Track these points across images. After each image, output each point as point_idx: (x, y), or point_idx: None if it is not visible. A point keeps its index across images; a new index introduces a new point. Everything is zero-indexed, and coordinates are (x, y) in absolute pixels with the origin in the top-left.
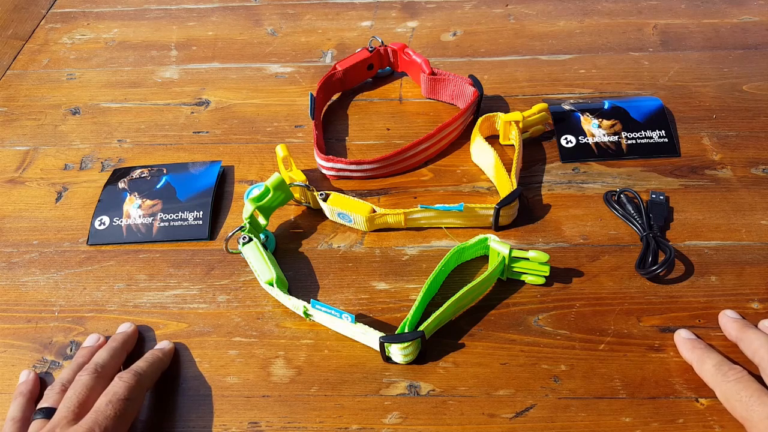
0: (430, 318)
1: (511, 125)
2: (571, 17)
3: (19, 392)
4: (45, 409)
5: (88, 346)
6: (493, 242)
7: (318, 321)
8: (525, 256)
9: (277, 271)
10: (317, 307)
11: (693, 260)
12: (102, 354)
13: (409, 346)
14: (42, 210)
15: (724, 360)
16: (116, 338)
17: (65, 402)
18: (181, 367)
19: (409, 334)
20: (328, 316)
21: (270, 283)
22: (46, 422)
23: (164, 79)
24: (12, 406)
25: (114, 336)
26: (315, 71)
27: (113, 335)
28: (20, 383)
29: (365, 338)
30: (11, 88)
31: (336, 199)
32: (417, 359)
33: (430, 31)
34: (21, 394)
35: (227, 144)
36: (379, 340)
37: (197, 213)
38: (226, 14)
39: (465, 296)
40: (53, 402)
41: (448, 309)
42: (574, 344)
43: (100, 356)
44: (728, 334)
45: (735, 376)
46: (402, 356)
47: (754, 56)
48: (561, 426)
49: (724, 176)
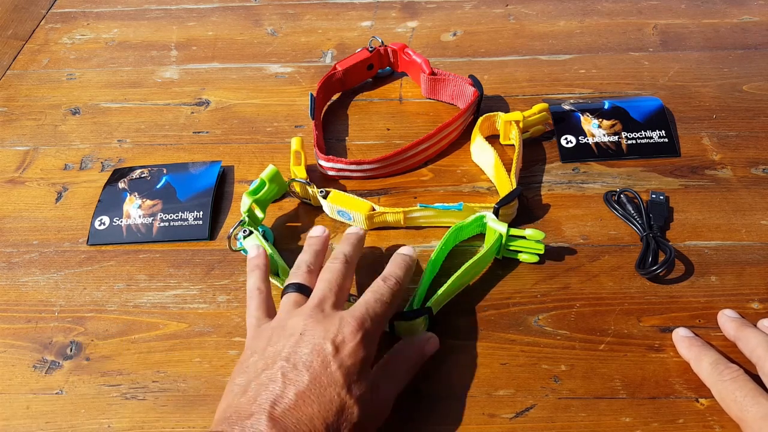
0: (436, 294)
1: (511, 125)
2: (571, 17)
3: (255, 265)
4: (296, 284)
5: (316, 235)
6: (491, 221)
7: None
8: (522, 234)
9: (280, 262)
10: None
11: (693, 260)
12: (345, 246)
13: (419, 324)
14: (42, 210)
15: (721, 358)
16: (351, 232)
17: (325, 283)
18: (181, 367)
19: (417, 311)
20: None
21: (275, 272)
22: (302, 297)
23: (164, 79)
24: (252, 277)
25: (348, 233)
26: (315, 71)
27: (345, 234)
28: (252, 257)
29: None
30: (11, 88)
31: (336, 196)
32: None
33: (430, 31)
34: (257, 267)
35: (227, 144)
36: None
37: (197, 213)
38: (226, 14)
39: (466, 272)
40: (303, 279)
41: (452, 285)
42: (574, 344)
43: (344, 248)
44: (727, 334)
45: (731, 375)
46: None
47: (754, 56)
48: (561, 426)
49: (724, 176)
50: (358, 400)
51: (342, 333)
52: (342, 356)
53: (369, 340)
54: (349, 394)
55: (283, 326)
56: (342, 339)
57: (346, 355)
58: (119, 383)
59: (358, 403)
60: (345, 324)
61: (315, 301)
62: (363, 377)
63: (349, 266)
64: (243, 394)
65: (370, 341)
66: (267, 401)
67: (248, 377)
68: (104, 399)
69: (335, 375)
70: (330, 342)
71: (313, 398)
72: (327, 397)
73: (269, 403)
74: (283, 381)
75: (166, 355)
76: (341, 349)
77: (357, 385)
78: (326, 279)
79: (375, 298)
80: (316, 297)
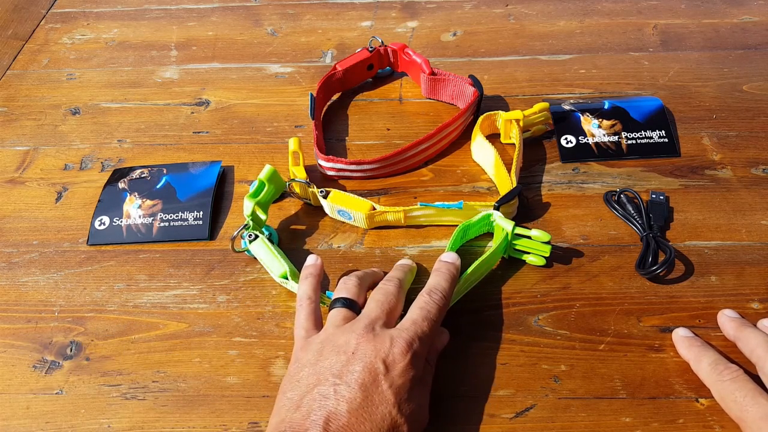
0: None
1: (511, 124)
2: (571, 17)
3: (309, 273)
4: (345, 299)
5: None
6: (498, 218)
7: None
8: (527, 234)
9: (289, 264)
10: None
11: (693, 260)
12: (399, 273)
13: None
14: (42, 210)
15: (721, 358)
16: (404, 263)
17: (377, 303)
18: (181, 367)
19: None
20: None
21: (284, 276)
22: (351, 313)
23: (164, 79)
24: (304, 285)
25: (401, 263)
26: (315, 71)
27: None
28: (308, 265)
29: None
30: (11, 88)
31: (336, 196)
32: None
33: (430, 31)
34: (312, 276)
35: (227, 144)
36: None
37: (197, 213)
38: (226, 14)
39: (476, 271)
40: (352, 294)
41: (462, 284)
42: (574, 344)
43: (398, 274)
44: (727, 334)
45: (730, 376)
46: None
47: (754, 56)
48: (561, 426)
49: (724, 176)
50: (408, 419)
51: (393, 353)
52: (393, 375)
53: (417, 359)
54: (400, 413)
55: (333, 342)
56: (393, 359)
57: (396, 374)
58: (119, 383)
59: (408, 421)
60: (395, 344)
61: (367, 320)
62: (412, 396)
63: (401, 291)
64: (296, 410)
65: (419, 360)
66: (321, 418)
67: (300, 392)
68: (104, 399)
69: (386, 394)
70: (381, 361)
71: (366, 416)
72: (379, 416)
73: (323, 419)
74: (336, 398)
75: (166, 355)
76: (391, 368)
77: (407, 403)
78: (379, 300)
79: (423, 316)
80: (368, 316)
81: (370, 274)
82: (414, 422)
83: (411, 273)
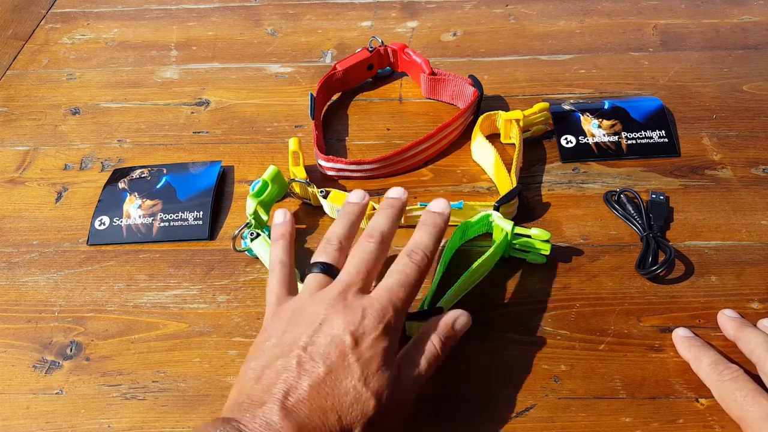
0: (447, 294)
1: (511, 124)
2: (571, 17)
3: (280, 234)
4: (323, 264)
5: (356, 201)
6: (497, 219)
7: None
8: (527, 233)
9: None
10: None
11: (693, 260)
12: (383, 221)
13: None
14: (42, 210)
15: (721, 358)
16: (393, 204)
17: (353, 266)
18: (181, 367)
19: (429, 311)
20: None
21: None
22: (328, 279)
23: (164, 79)
24: (276, 248)
25: (389, 201)
26: (315, 71)
27: (385, 200)
28: (277, 224)
29: None
30: (11, 88)
31: (336, 196)
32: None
33: (430, 31)
34: (282, 236)
35: (227, 144)
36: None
37: (197, 213)
38: (226, 14)
39: (476, 271)
40: (331, 259)
41: (462, 284)
42: (574, 344)
43: (381, 223)
44: (726, 333)
45: (730, 375)
46: None
47: (754, 56)
48: (561, 426)
49: (724, 176)
50: (375, 393)
51: (363, 326)
52: (361, 349)
53: (390, 330)
54: (366, 387)
55: (302, 312)
56: (362, 331)
57: (365, 347)
58: (119, 383)
59: (375, 396)
60: (366, 315)
61: (339, 287)
62: (383, 369)
63: (384, 246)
64: (257, 381)
65: (393, 330)
66: (280, 391)
67: (263, 363)
68: (104, 399)
69: (352, 367)
70: (349, 334)
71: (328, 390)
72: (342, 390)
73: (282, 392)
74: (298, 371)
75: (166, 355)
76: (361, 341)
77: (375, 377)
78: (355, 262)
79: (399, 280)
80: (341, 283)
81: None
82: (384, 398)
83: (398, 213)
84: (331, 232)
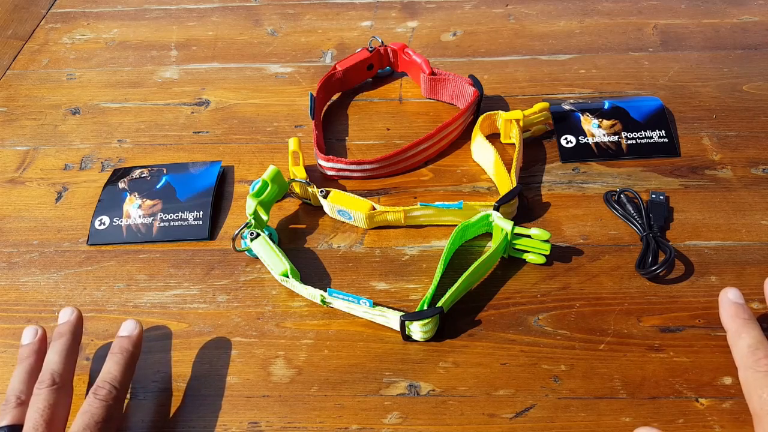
0: (447, 294)
1: (511, 123)
2: (571, 17)
3: (59, 333)
4: (5, 428)
5: (28, 343)
6: (497, 218)
7: (336, 307)
8: (527, 233)
9: (289, 263)
10: (334, 294)
11: (693, 260)
12: (54, 358)
13: (429, 323)
14: (42, 210)
15: (764, 342)
16: (62, 332)
17: (30, 423)
18: (181, 367)
19: (429, 311)
20: (346, 303)
21: (285, 274)
22: None
23: (164, 79)
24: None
25: (58, 329)
26: (315, 71)
27: (57, 327)
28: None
29: (384, 320)
30: (11, 88)
31: (336, 196)
32: (435, 336)
33: (430, 31)
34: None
35: (227, 144)
36: (400, 319)
37: (197, 213)
38: (226, 14)
39: (475, 271)
40: (13, 419)
41: (462, 284)
42: (574, 344)
43: (52, 361)
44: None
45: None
46: (422, 333)
47: (754, 56)
48: (561, 426)
49: (724, 176)
50: None
51: None
52: None
53: None
54: None
55: None
56: None
57: None
58: None
59: None
60: None
61: None
62: None
63: (58, 387)
64: None
65: None
66: None
67: None
68: None
69: None
70: None
71: None
72: None
73: None
74: None
75: (166, 355)
76: None
77: None
78: (32, 418)
79: (85, 423)
80: None
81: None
82: None
83: (70, 347)
84: (9, 389)
